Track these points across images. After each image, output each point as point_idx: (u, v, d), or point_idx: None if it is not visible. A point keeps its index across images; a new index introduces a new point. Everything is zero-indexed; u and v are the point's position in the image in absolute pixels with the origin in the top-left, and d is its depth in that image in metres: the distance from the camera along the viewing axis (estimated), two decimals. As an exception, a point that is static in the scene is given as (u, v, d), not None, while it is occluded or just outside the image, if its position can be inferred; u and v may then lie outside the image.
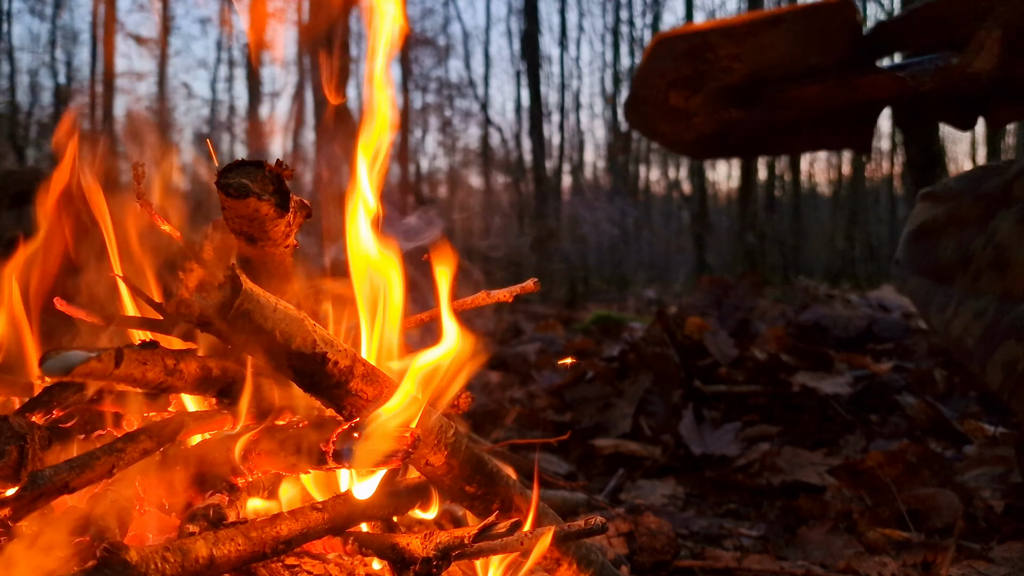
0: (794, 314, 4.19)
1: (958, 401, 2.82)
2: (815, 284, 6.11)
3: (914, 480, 1.83)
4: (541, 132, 15.38)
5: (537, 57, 16.30)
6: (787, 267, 14.00)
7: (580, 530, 0.85)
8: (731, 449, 2.41)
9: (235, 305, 0.67)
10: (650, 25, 24.74)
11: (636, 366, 3.15)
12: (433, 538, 0.83)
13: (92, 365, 0.58)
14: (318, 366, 0.76)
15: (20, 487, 0.63)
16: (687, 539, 1.68)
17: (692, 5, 20.58)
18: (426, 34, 24.61)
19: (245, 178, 0.82)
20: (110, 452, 0.72)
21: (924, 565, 1.45)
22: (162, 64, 16.52)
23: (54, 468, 0.67)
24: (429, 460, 0.88)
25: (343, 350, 0.79)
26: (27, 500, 0.64)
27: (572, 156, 28.48)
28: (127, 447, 0.73)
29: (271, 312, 0.71)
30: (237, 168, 0.82)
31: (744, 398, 2.94)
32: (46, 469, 0.66)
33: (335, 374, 0.78)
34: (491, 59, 34.21)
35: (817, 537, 1.63)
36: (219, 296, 0.67)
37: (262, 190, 0.82)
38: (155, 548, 0.70)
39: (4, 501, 0.62)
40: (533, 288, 1.14)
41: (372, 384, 0.81)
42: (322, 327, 0.78)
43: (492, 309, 8.18)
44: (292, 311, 0.74)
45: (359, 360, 0.81)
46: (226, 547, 0.75)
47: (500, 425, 2.78)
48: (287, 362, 0.75)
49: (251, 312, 0.69)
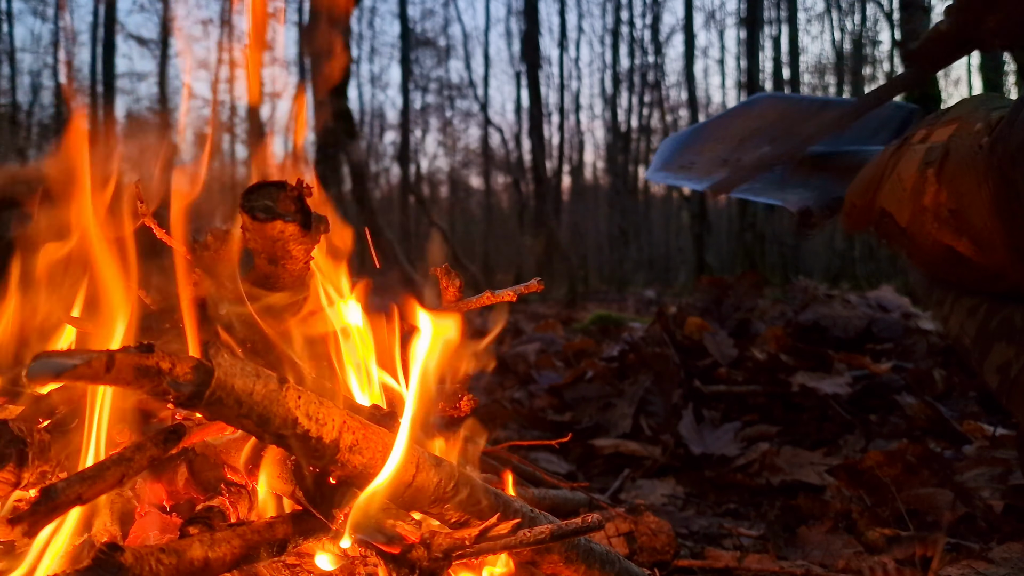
0: (794, 314, 4.19)
1: (958, 401, 2.82)
2: (815, 284, 6.10)
3: (913, 480, 1.83)
4: (541, 132, 15.39)
5: (537, 58, 16.30)
6: (787, 267, 14.00)
7: (577, 528, 0.85)
8: (731, 449, 2.41)
9: (206, 395, 0.67)
10: (650, 25, 24.74)
11: (636, 366, 3.16)
12: (435, 539, 0.83)
13: (81, 370, 0.57)
14: (300, 442, 0.75)
15: (34, 502, 0.63)
16: (687, 539, 1.69)
17: (692, 5, 20.57)
18: (426, 35, 24.62)
19: (268, 200, 0.81)
20: (120, 462, 0.72)
21: (923, 563, 1.45)
22: (162, 64, 16.52)
23: (66, 481, 0.66)
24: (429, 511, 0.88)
25: (329, 422, 0.77)
26: (42, 514, 0.64)
27: (572, 156, 28.46)
28: (135, 456, 0.73)
29: (247, 397, 0.70)
30: (259, 190, 0.82)
31: (744, 398, 2.94)
32: (59, 483, 0.66)
33: (319, 448, 0.77)
34: (491, 60, 34.23)
35: (817, 537, 1.64)
36: (190, 387, 0.65)
37: (286, 211, 0.82)
38: (150, 549, 0.70)
39: (20, 516, 0.62)
40: (537, 288, 1.14)
41: (360, 454, 0.80)
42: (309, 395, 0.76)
43: (492, 309, 8.16)
44: (272, 387, 0.72)
45: (346, 429, 0.79)
46: (222, 549, 0.75)
47: (500, 425, 2.78)
48: (270, 439, 0.75)
49: (223, 399, 0.68)
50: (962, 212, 1.00)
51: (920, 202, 1.06)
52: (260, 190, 0.82)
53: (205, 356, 0.67)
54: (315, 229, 0.88)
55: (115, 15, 16.28)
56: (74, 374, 0.57)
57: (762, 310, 4.46)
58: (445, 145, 29.62)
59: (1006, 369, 1.04)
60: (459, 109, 28.76)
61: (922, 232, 1.08)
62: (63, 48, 16.57)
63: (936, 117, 1.14)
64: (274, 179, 0.84)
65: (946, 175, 1.02)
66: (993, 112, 1.01)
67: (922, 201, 1.06)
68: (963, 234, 1.02)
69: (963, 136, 1.02)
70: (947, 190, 1.02)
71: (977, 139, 0.99)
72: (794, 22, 20.61)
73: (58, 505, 0.65)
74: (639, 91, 24.86)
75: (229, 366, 0.68)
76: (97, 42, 15.41)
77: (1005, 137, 0.92)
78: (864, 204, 1.19)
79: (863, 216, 1.20)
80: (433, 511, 0.87)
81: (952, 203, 1.01)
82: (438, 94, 27.69)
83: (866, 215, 1.19)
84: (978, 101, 1.10)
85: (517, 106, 25.23)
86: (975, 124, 1.01)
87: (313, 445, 0.76)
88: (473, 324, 1.01)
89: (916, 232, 1.09)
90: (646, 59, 24.73)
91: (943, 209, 1.03)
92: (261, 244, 0.87)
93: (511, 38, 26.31)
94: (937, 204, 1.03)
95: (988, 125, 0.99)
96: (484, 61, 26.18)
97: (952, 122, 1.07)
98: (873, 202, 1.17)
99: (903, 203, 1.09)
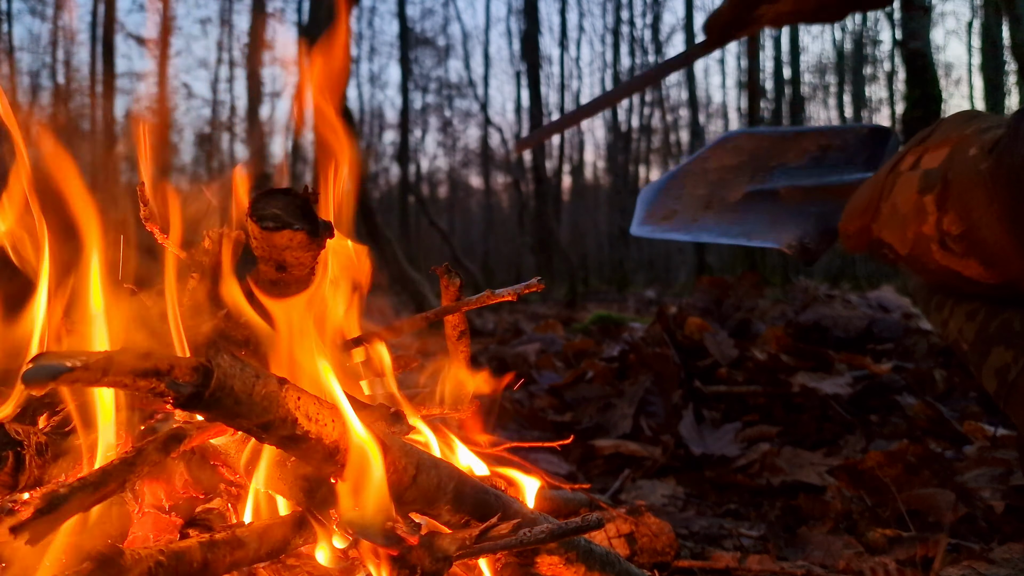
0: (794, 314, 4.19)
1: (958, 401, 2.82)
2: (815, 284, 6.10)
3: (914, 480, 1.83)
4: (541, 132, 15.36)
5: (537, 57, 16.31)
6: (787, 267, 13.99)
7: (577, 527, 0.85)
8: (731, 449, 2.41)
9: (206, 396, 0.66)
10: (650, 25, 24.75)
11: (636, 366, 3.15)
12: (435, 540, 0.83)
13: (78, 373, 0.57)
14: (300, 443, 0.75)
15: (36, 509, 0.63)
16: (687, 539, 1.68)
17: (692, 5, 20.59)
18: (426, 34, 24.62)
19: (276, 208, 0.81)
20: (122, 467, 0.72)
21: (924, 563, 1.45)
22: (163, 64, 16.51)
23: (68, 487, 0.66)
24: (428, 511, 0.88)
25: (329, 422, 0.77)
26: (45, 522, 0.63)
27: (572, 156, 28.47)
28: (137, 460, 0.73)
29: (246, 398, 0.69)
30: (266, 198, 0.82)
31: (744, 398, 2.94)
32: (61, 489, 0.66)
33: (319, 449, 0.77)
34: (491, 59, 34.23)
35: (817, 537, 1.63)
36: (189, 388, 0.65)
37: (294, 219, 0.82)
38: (149, 552, 0.70)
39: (23, 524, 0.62)
40: (538, 287, 1.14)
41: (360, 454, 0.79)
42: (308, 396, 0.76)
43: (492, 309, 8.17)
44: (272, 388, 0.72)
45: (346, 430, 0.79)
46: (221, 551, 0.75)
47: (500, 425, 2.77)
48: (270, 440, 0.74)
49: (223, 400, 0.68)
50: (972, 233, 1.00)
51: (920, 230, 1.06)
52: (267, 198, 0.82)
53: (205, 357, 0.67)
54: (321, 235, 0.88)
55: (115, 15, 16.28)
56: (72, 377, 0.57)
57: (762, 310, 4.46)
58: (445, 145, 29.63)
59: (1004, 373, 1.04)
60: (459, 109, 28.77)
61: (925, 258, 1.07)
62: (62, 48, 16.59)
63: (920, 140, 1.13)
64: (281, 186, 0.84)
65: (950, 200, 1.01)
66: (985, 134, 1.00)
67: (922, 229, 1.05)
68: (972, 256, 1.01)
69: (961, 161, 1.01)
70: (951, 215, 1.01)
71: (975, 164, 0.98)
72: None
73: (61, 512, 0.64)
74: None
75: (228, 367, 0.68)
76: (97, 42, 15.41)
77: (1012, 150, 0.91)
78: (858, 231, 1.19)
79: (859, 243, 1.20)
80: (433, 512, 0.87)
81: (958, 227, 1.01)
82: (438, 94, 27.69)
83: (862, 242, 1.19)
84: (961, 120, 1.09)
85: (517, 106, 25.26)
86: (970, 149, 1.00)
87: (313, 446, 0.76)
88: (474, 324, 1.00)
89: (918, 259, 1.08)
90: (646, 59, 24.75)
91: (947, 235, 1.02)
92: (269, 252, 0.86)
93: (511, 37, 26.33)
94: (940, 231, 1.03)
95: (983, 148, 0.98)
96: (484, 61, 26.20)
97: (942, 145, 1.06)
98: (868, 230, 1.17)
99: (902, 232, 1.09)
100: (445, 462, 0.89)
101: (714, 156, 1.56)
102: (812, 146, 1.49)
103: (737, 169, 1.51)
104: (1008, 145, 0.92)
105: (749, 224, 1.41)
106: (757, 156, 1.51)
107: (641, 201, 1.57)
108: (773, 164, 1.48)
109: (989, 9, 11.92)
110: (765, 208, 1.42)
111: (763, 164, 1.49)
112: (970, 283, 1.05)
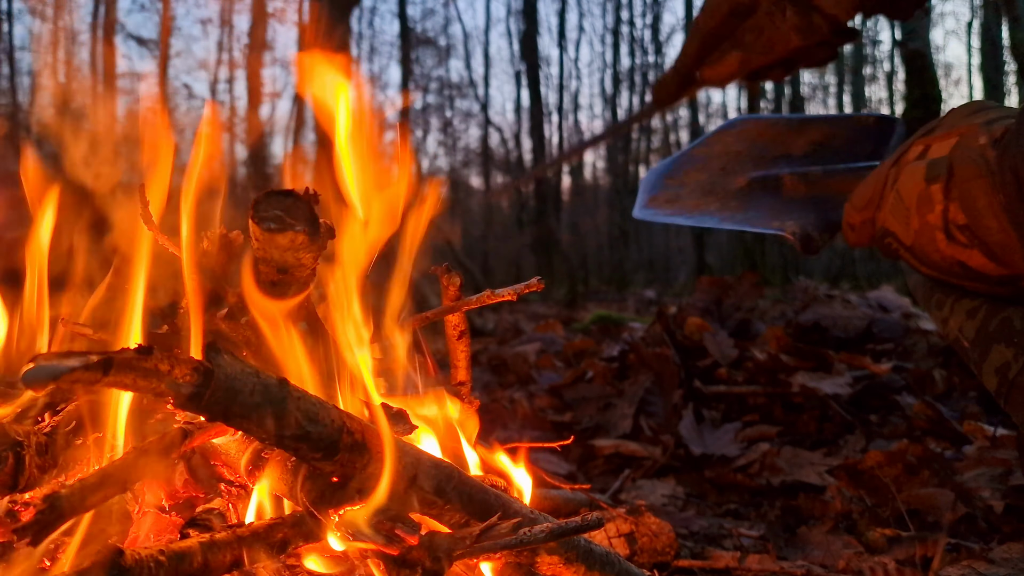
0: (794, 314, 4.19)
1: (958, 401, 2.82)
2: (815, 284, 6.11)
3: (914, 480, 1.83)
4: (541, 132, 15.40)
5: (536, 58, 16.32)
6: (787, 267, 13.99)
7: (577, 526, 0.85)
8: (731, 449, 2.41)
9: (206, 397, 0.66)
10: (650, 25, 24.76)
11: (636, 366, 3.15)
12: (435, 540, 0.83)
13: (78, 374, 0.56)
14: (300, 443, 0.75)
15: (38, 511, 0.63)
16: (687, 539, 1.69)
17: (692, 5, 20.59)
18: (426, 34, 24.62)
19: (279, 210, 0.81)
20: (123, 468, 0.72)
21: (923, 563, 1.45)
22: (163, 65, 16.53)
23: (70, 489, 0.66)
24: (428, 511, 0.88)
25: (329, 423, 0.77)
26: (47, 524, 0.63)
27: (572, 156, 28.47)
28: (139, 461, 0.73)
29: (246, 398, 0.69)
30: (268, 200, 0.81)
31: (744, 398, 2.94)
32: (63, 491, 0.66)
33: (319, 449, 0.77)
34: (491, 59, 34.22)
35: (817, 537, 1.63)
36: (190, 388, 0.65)
37: (296, 220, 0.82)
38: (150, 552, 0.70)
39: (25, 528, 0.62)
40: (538, 287, 1.14)
41: (360, 455, 0.80)
42: (309, 396, 0.76)
43: (492, 309, 8.17)
44: (272, 387, 0.72)
45: (346, 430, 0.79)
46: (221, 552, 0.75)
47: (500, 425, 2.78)
48: (270, 440, 0.74)
49: (223, 400, 0.68)
50: (976, 224, 0.99)
51: (926, 219, 1.05)
52: (269, 199, 0.81)
53: (205, 357, 0.67)
54: (322, 236, 0.88)
55: (115, 15, 16.31)
56: (72, 377, 0.57)
57: (762, 310, 4.47)
58: (445, 145, 29.61)
59: (1005, 371, 1.04)
60: (459, 109, 28.76)
61: (929, 248, 1.07)
62: (62, 48, 16.60)
63: (928, 130, 1.13)
64: (283, 188, 0.84)
65: (954, 190, 1.01)
66: (994, 124, 1.00)
67: (928, 218, 1.05)
68: (976, 246, 1.01)
69: (967, 149, 1.01)
70: (957, 204, 1.01)
71: (983, 152, 0.98)
72: (794, 22, 20.58)
73: (63, 514, 0.65)
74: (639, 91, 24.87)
75: (229, 367, 0.68)
76: (97, 42, 15.43)
77: (1017, 142, 0.91)
78: (862, 223, 1.18)
79: (862, 234, 1.20)
80: (433, 512, 0.87)
81: (963, 217, 1.00)
82: (438, 94, 27.68)
83: (866, 233, 1.19)
84: (970, 111, 1.09)
85: (517, 106, 25.24)
86: (978, 138, 1.00)
87: (313, 446, 0.76)
88: (474, 324, 1.00)
89: (922, 248, 1.08)
90: (646, 59, 24.76)
91: (953, 224, 1.02)
92: (271, 253, 0.86)
93: (511, 38, 26.32)
94: (946, 220, 1.03)
95: (991, 138, 0.98)
96: (484, 61, 26.19)
97: (950, 135, 1.06)
98: (872, 221, 1.16)
99: (906, 221, 1.09)
100: (445, 462, 0.89)
101: (719, 142, 1.56)
102: (817, 134, 1.48)
103: (741, 156, 1.51)
104: (1015, 136, 0.92)
105: (752, 211, 1.41)
106: (761, 143, 1.51)
107: (644, 185, 1.57)
108: (778, 152, 1.48)
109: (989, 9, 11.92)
110: (768, 196, 1.42)
111: (768, 151, 1.49)
112: (974, 275, 1.05)
